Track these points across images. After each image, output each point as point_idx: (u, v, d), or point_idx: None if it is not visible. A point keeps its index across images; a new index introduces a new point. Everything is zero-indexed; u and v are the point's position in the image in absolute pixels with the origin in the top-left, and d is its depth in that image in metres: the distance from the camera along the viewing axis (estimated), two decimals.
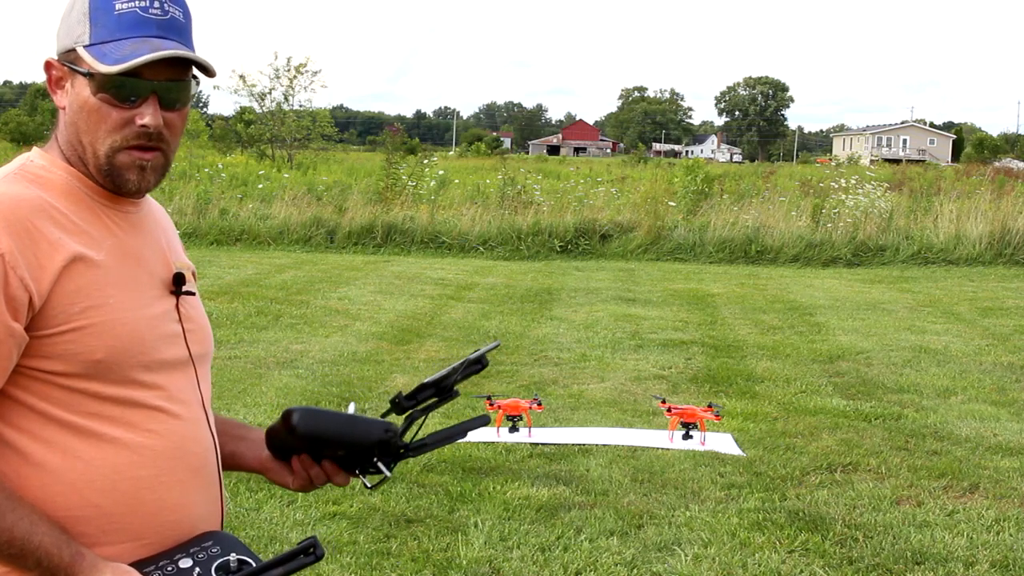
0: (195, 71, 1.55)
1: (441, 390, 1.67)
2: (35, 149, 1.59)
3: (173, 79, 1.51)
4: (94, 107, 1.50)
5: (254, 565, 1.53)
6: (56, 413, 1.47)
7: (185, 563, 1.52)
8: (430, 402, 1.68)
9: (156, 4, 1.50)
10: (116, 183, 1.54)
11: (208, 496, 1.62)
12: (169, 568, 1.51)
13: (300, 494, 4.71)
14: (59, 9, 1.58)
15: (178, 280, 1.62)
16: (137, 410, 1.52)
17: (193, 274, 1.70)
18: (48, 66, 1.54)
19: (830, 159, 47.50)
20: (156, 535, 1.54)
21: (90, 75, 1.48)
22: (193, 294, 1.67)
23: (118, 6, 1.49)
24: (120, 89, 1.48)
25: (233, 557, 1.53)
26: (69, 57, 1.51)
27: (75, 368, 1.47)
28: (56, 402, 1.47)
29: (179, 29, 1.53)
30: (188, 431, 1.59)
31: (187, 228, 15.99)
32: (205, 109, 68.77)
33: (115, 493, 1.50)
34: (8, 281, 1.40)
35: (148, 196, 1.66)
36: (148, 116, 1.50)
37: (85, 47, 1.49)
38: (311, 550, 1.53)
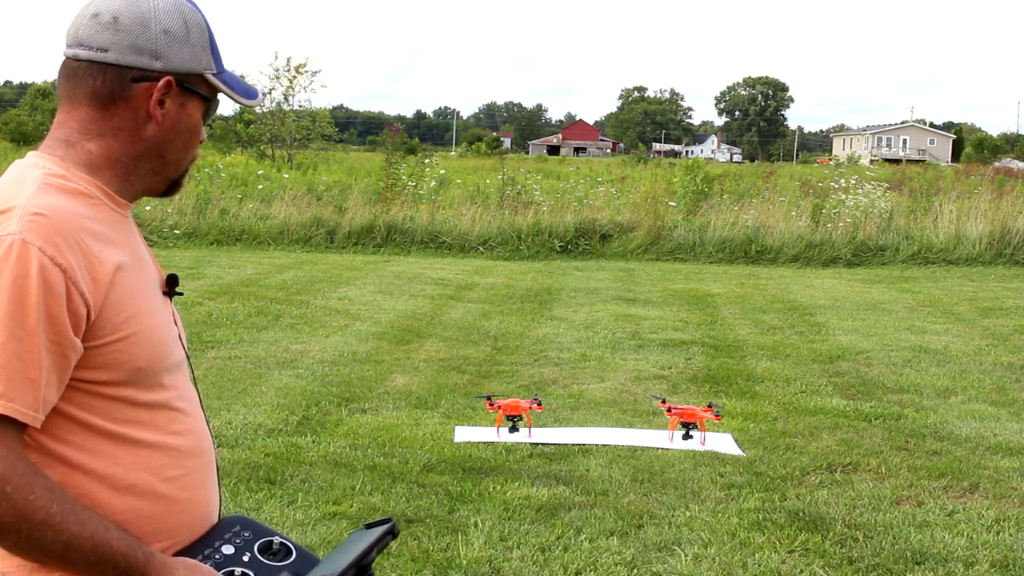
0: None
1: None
2: (36, 157, 1.54)
3: None
4: (197, 128, 1.62)
5: (292, 547, 1.57)
6: (95, 422, 1.49)
7: (228, 549, 1.56)
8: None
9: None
10: (174, 190, 1.67)
11: (215, 489, 1.68)
12: (217, 556, 1.55)
13: (300, 494, 4.72)
14: (70, 11, 1.58)
15: (172, 281, 1.66)
16: (163, 412, 1.57)
17: None
18: (168, 84, 1.55)
19: (830, 159, 47.53)
20: (187, 532, 1.58)
21: (207, 99, 1.59)
22: (182, 294, 1.71)
23: (216, 38, 1.62)
24: (212, 113, 1.64)
25: (277, 540, 1.57)
26: (190, 80, 1.57)
27: (118, 376, 1.50)
28: (95, 411, 1.49)
29: None
30: (199, 428, 1.64)
31: (187, 228, 15.93)
32: None
33: (154, 496, 1.54)
34: (71, 297, 1.41)
35: None
36: (204, 134, 1.66)
37: (215, 75, 1.60)
38: (391, 531, 1.66)
